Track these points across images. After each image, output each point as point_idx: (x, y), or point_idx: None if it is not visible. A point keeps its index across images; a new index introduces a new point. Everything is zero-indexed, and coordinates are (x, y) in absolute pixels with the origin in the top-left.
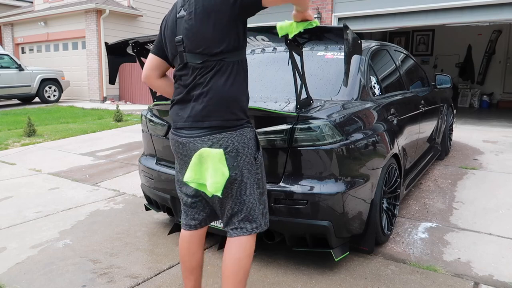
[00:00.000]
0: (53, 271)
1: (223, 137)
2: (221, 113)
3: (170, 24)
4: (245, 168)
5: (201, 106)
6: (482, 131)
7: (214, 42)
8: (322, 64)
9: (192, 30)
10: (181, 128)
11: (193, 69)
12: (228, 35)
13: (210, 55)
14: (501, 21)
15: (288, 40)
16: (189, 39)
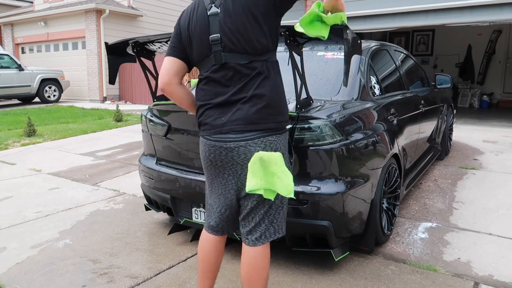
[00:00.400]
0: (53, 271)
1: (274, 140)
2: (276, 116)
3: (200, 21)
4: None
5: (255, 109)
6: (482, 131)
7: (260, 42)
8: (322, 64)
9: (234, 28)
10: (227, 133)
11: (235, 70)
12: (271, 34)
13: (256, 55)
14: (501, 21)
15: (288, 40)
16: (230, 37)
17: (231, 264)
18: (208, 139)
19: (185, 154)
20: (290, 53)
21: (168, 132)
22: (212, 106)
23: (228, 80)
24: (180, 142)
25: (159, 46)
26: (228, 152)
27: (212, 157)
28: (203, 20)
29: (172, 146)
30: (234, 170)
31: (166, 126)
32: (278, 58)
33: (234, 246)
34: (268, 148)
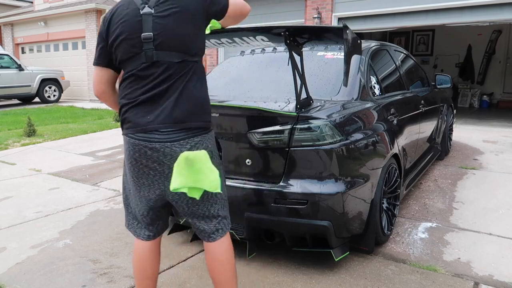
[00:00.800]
0: (53, 271)
1: (199, 140)
2: (201, 115)
3: (131, 20)
4: (217, 168)
5: (180, 110)
6: (482, 131)
7: (193, 42)
8: (322, 64)
9: (168, 28)
10: (152, 132)
11: (165, 69)
12: (201, 38)
13: (189, 55)
14: (501, 21)
15: (288, 40)
16: (164, 36)
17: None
18: (132, 138)
19: None
20: (290, 53)
21: None
22: (138, 103)
23: (156, 78)
24: None
25: None
26: (153, 152)
27: (137, 156)
28: (135, 19)
29: None
30: (161, 170)
31: None
32: (278, 58)
33: (234, 247)
34: (194, 149)
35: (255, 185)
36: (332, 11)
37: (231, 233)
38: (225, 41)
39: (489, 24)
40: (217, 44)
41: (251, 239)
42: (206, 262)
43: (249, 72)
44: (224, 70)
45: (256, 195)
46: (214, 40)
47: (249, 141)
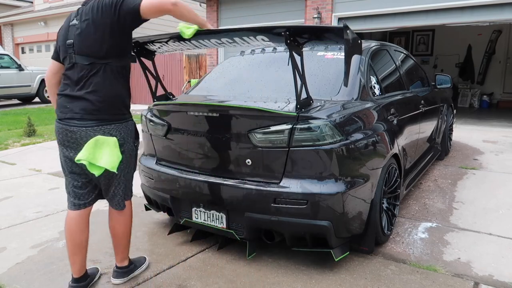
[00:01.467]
0: (53, 271)
1: (112, 128)
2: (111, 109)
3: (63, 31)
4: (128, 154)
5: (91, 103)
6: (482, 131)
7: (100, 47)
8: (322, 64)
9: (81, 35)
10: (71, 119)
11: (81, 69)
12: (112, 43)
13: (97, 58)
14: (501, 21)
15: (288, 40)
16: (78, 42)
17: (231, 264)
18: (59, 123)
19: (185, 154)
20: (290, 53)
21: (168, 132)
22: (63, 96)
23: (75, 77)
24: (180, 142)
25: (159, 46)
26: (73, 134)
27: (62, 138)
28: (65, 30)
29: (172, 146)
30: (79, 149)
31: (166, 126)
32: (278, 58)
33: (234, 247)
34: (108, 134)
35: (255, 185)
36: (332, 11)
37: (231, 233)
38: (225, 41)
39: (489, 24)
40: (217, 44)
41: (251, 239)
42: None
43: (249, 72)
44: (224, 70)
45: (256, 195)
46: (215, 40)
47: (249, 141)
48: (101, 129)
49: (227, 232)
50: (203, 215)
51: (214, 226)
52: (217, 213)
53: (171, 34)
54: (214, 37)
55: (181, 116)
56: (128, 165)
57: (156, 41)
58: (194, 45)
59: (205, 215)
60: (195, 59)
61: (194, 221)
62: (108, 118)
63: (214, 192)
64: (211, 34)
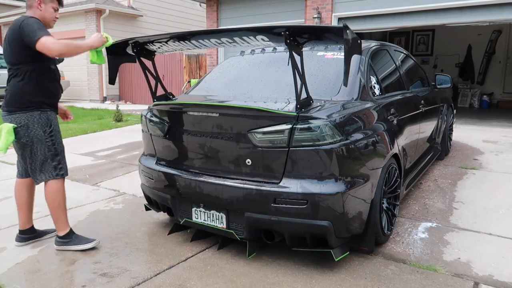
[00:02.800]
0: (53, 271)
1: (17, 117)
2: (15, 103)
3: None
4: (35, 138)
5: (7, 98)
6: (482, 131)
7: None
8: (322, 64)
9: (4, 46)
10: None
11: (7, 71)
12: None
13: (11, 64)
14: (501, 21)
15: (288, 40)
16: (3, 52)
17: (231, 264)
18: None
19: (185, 154)
20: (290, 53)
21: (168, 132)
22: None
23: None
24: (180, 142)
25: (159, 46)
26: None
27: None
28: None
29: (172, 146)
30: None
31: (166, 126)
32: (278, 58)
33: (234, 247)
34: (14, 122)
35: (255, 185)
36: (332, 11)
37: (231, 233)
38: (225, 41)
39: (489, 24)
40: (217, 44)
41: (251, 239)
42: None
43: (249, 72)
44: (224, 70)
45: (256, 195)
46: (215, 40)
47: (249, 141)
48: (9, 118)
49: (227, 232)
50: (203, 215)
51: (214, 226)
52: (217, 213)
53: (171, 34)
54: (214, 37)
55: (181, 116)
56: (37, 148)
57: (156, 41)
58: (194, 45)
59: (205, 215)
60: (195, 59)
61: (194, 221)
62: (13, 110)
63: (214, 192)
64: (210, 34)
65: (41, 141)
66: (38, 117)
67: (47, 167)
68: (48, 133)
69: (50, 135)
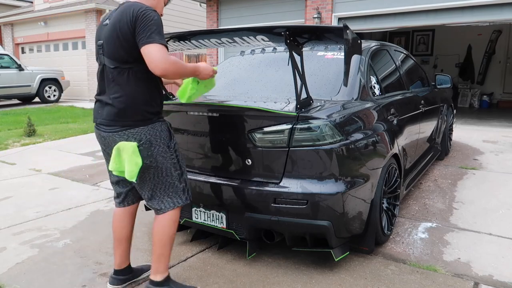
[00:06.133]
0: (53, 271)
1: (136, 132)
2: (132, 115)
3: (98, 28)
4: (160, 156)
5: (116, 108)
6: (482, 131)
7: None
8: (322, 64)
9: (109, 38)
10: (101, 124)
11: (108, 72)
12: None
13: (118, 61)
14: (501, 21)
15: (288, 40)
16: (106, 45)
17: (231, 264)
18: (95, 128)
19: (185, 154)
20: (290, 53)
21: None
22: (97, 100)
23: (104, 80)
24: (180, 142)
25: None
26: (104, 140)
27: (98, 140)
28: (99, 28)
29: None
30: (110, 153)
31: None
32: (278, 58)
33: (234, 247)
34: (132, 139)
35: (255, 185)
36: (332, 11)
37: (231, 233)
38: (225, 41)
39: (489, 24)
40: (217, 44)
41: (251, 239)
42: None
43: (249, 72)
44: (224, 70)
45: (256, 195)
46: (215, 40)
47: (249, 141)
48: (125, 134)
49: (227, 232)
50: (203, 215)
51: (214, 226)
52: (217, 213)
53: (171, 34)
54: (214, 37)
55: (181, 116)
56: (162, 168)
57: None
58: (194, 45)
59: (205, 215)
60: (195, 59)
61: (194, 221)
62: (131, 124)
63: (214, 192)
64: (211, 34)
65: (166, 159)
66: (160, 129)
67: (175, 191)
68: (172, 147)
69: (174, 150)
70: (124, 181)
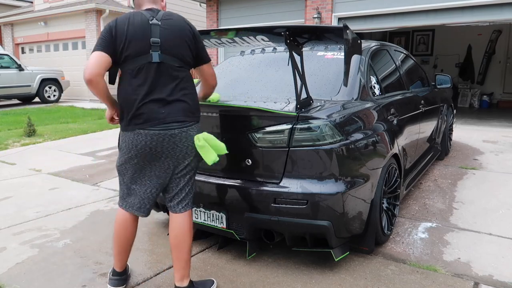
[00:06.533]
0: (53, 271)
1: (198, 126)
2: (197, 109)
3: (139, 26)
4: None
5: (188, 104)
6: (482, 131)
7: (183, 52)
8: (322, 64)
9: (169, 38)
10: (172, 122)
11: (172, 70)
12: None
13: (185, 62)
14: (501, 21)
15: (288, 40)
16: (167, 43)
17: (231, 264)
18: (153, 130)
19: None
20: (290, 53)
21: None
22: (152, 101)
23: (162, 77)
24: None
25: None
26: (171, 138)
27: (155, 145)
28: (142, 26)
29: None
30: (173, 152)
31: None
32: (278, 58)
33: (234, 247)
34: (199, 132)
35: (255, 185)
36: (332, 11)
37: (231, 233)
38: (225, 41)
39: (489, 24)
40: (217, 44)
41: (251, 239)
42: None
43: (249, 72)
44: (224, 70)
45: (256, 195)
46: (215, 40)
47: (249, 141)
48: (196, 126)
49: (227, 232)
50: (203, 215)
51: (214, 226)
52: (217, 213)
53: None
54: (214, 37)
55: None
56: (194, 167)
57: None
58: None
59: (205, 215)
60: None
61: (194, 221)
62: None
63: (214, 192)
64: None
65: (197, 158)
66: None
67: (192, 191)
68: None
69: None
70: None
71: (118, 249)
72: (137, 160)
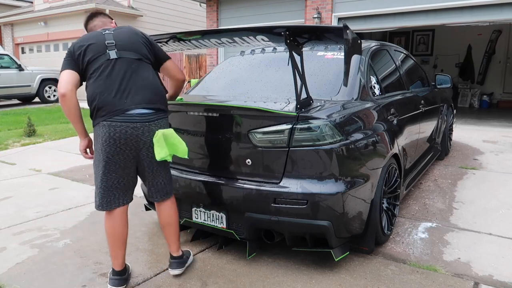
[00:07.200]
0: (53, 271)
1: (167, 122)
2: (162, 98)
3: (93, 36)
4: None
5: (146, 90)
6: (482, 131)
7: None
8: (322, 64)
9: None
10: (134, 112)
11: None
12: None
13: (143, 56)
14: (501, 21)
15: (288, 40)
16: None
17: (231, 264)
18: (113, 121)
19: None
20: (290, 53)
21: None
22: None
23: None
24: None
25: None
26: (133, 131)
27: (117, 137)
28: (99, 35)
29: None
30: (137, 145)
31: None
32: (278, 58)
33: (234, 247)
34: (164, 127)
35: (255, 185)
36: (332, 11)
37: (231, 233)
38: (225, 41)
39: (489, 24)
40: (217, 44)
41: (251, 239)
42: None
43: (249, 72)
44: (224, 70)
45: (256, 195)
46: (215, 40)
47: (249, 141)
48: (162, 123)
49: (227, 232)
50: (203, 215)
51: (214, 226)
52: (217, 213)
53: (171, 34)
54: (214, 37)
55: (181, 116)
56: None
57: (156, 41)
58: (194, 45)
59: (205, 215)
60: (195, 59)
61: (194, 221)
62: (163, 109)
63: (214, 192)
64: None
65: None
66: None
67: (169, 181)
68: None
69: None
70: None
71: (114, 247)
72: (105, 153)
